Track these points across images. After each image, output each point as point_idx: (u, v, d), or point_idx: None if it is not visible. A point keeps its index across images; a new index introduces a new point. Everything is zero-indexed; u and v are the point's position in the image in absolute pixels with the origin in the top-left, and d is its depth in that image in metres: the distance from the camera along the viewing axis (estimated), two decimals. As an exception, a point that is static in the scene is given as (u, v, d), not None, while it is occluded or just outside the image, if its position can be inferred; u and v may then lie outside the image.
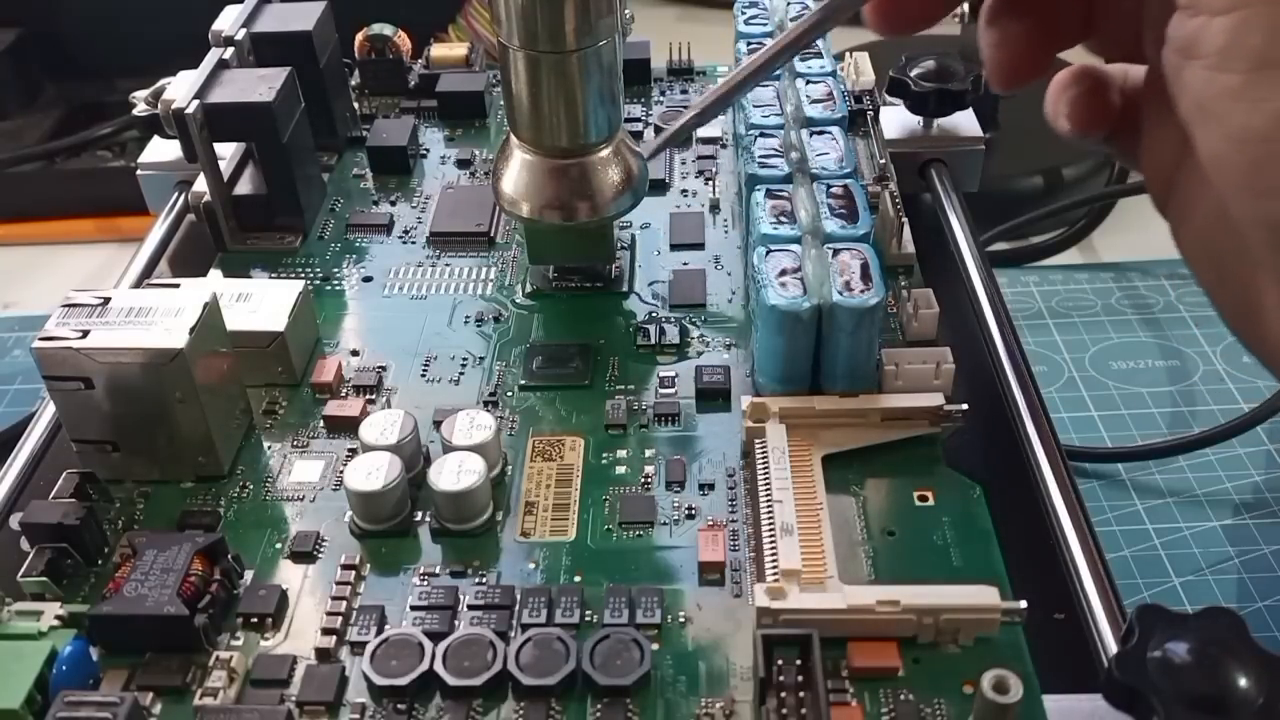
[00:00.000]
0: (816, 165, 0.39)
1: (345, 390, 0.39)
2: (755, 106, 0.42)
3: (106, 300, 0.34)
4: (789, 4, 0.49)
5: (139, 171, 0.49)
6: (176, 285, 0.36)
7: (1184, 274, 0.61)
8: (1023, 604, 0.29)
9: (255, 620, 0.31)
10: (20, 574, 0.32)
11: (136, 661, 0.30)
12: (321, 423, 0.38)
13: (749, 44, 0.47)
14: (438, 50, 0.56)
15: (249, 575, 0.33)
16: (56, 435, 0.37)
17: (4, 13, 0.75)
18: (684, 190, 0.48)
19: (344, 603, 0.31)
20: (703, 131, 0.51)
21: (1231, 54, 0.25)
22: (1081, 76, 0.33)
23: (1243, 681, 0.25)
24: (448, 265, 0.45)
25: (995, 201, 0.60)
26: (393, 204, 0.48)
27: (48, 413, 0.38)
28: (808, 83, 0.43)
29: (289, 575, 0.33)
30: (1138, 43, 0.30)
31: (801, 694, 0.27)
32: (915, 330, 0.39)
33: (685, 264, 0.44)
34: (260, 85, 0.43)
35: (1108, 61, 0.34)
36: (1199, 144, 0.27)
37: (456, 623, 0.31)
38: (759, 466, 0.33)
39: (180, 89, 0.44)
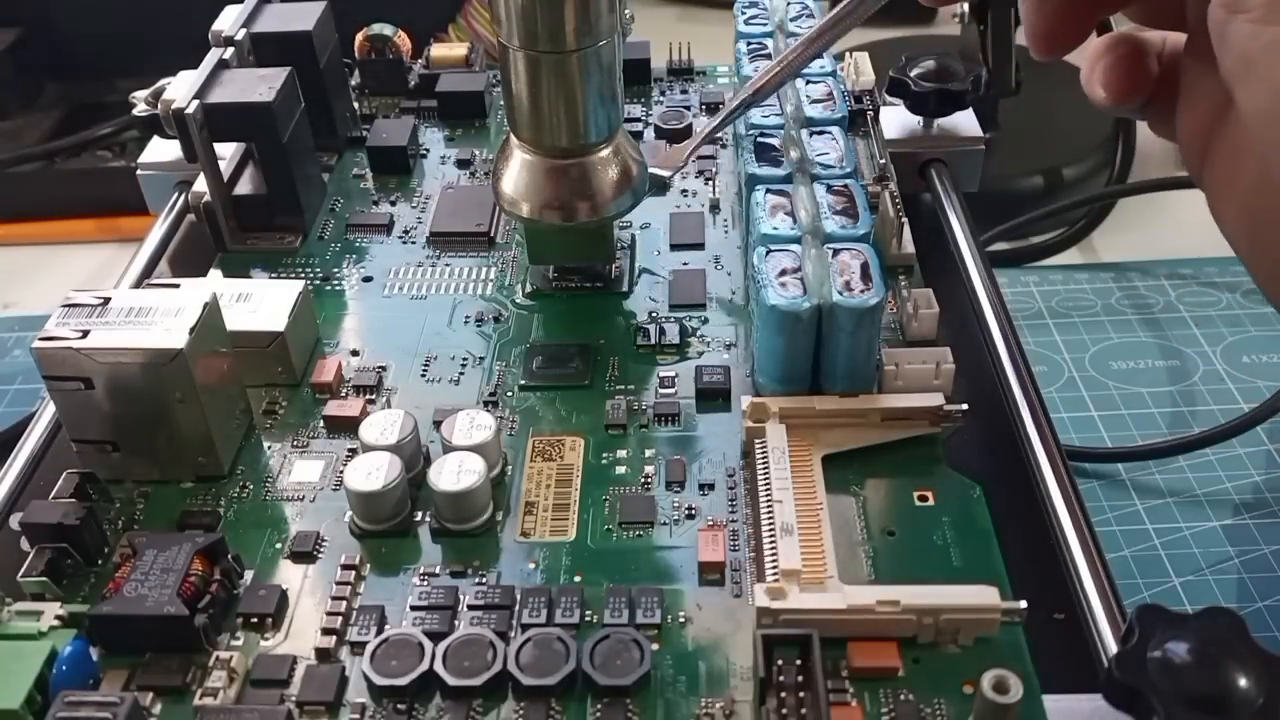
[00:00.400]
0: (816, 165, 0.39)
1: (345, 390, 0.39)
2: (755, 106, 0.42)
3: (106, 300, 0.34)
4: (789, 4, 0.49)
5: (139, 171, 0.49)
6: (176, 285, 0.36)
7: (1184, 274, 0.62)
8: (1023, 604, 0.29)
9: (255, 620, 0.31)
10: (20, 574, 0.32)
11: (136, 661, 0.30)
12: (321, 423, 0.38)
13: (749, 44, 0.47)
14: (438, 50, 0.56)
15: (249, 575, 0.33)
16: (56, 435, 0.37)
17: (4, 13, 0.75)
18: (684, 190, 0.48)
19: (344, 603, 0.31)
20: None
21: (1276, 7, 0.25)
22: (1118, 43, 0.33)
23: (1243, 681, 0.25)
24: (448, 265, 0.45)
25: (995, 201, 0.60)
26: (393, 204, 0.48)
27: (48, 413, 0.38)
28: (808, 83, 0.43)
29: (289, 575, 0.33)
30: (1178, 9, 0.30)
31: (801, 694, 0.27)
32: (915, 330, 0.39)
33: (685, 264, 0.44)
34: (260, 85, 0.43)
35: (1147, 28, 0.33)
36: (1242, 101, 0.26)
37: (456, 623, 0.31)
38: (759, 466, 0.33)
39: (180, 89, 0.44)
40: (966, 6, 0.64)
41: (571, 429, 0.37)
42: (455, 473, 0.33)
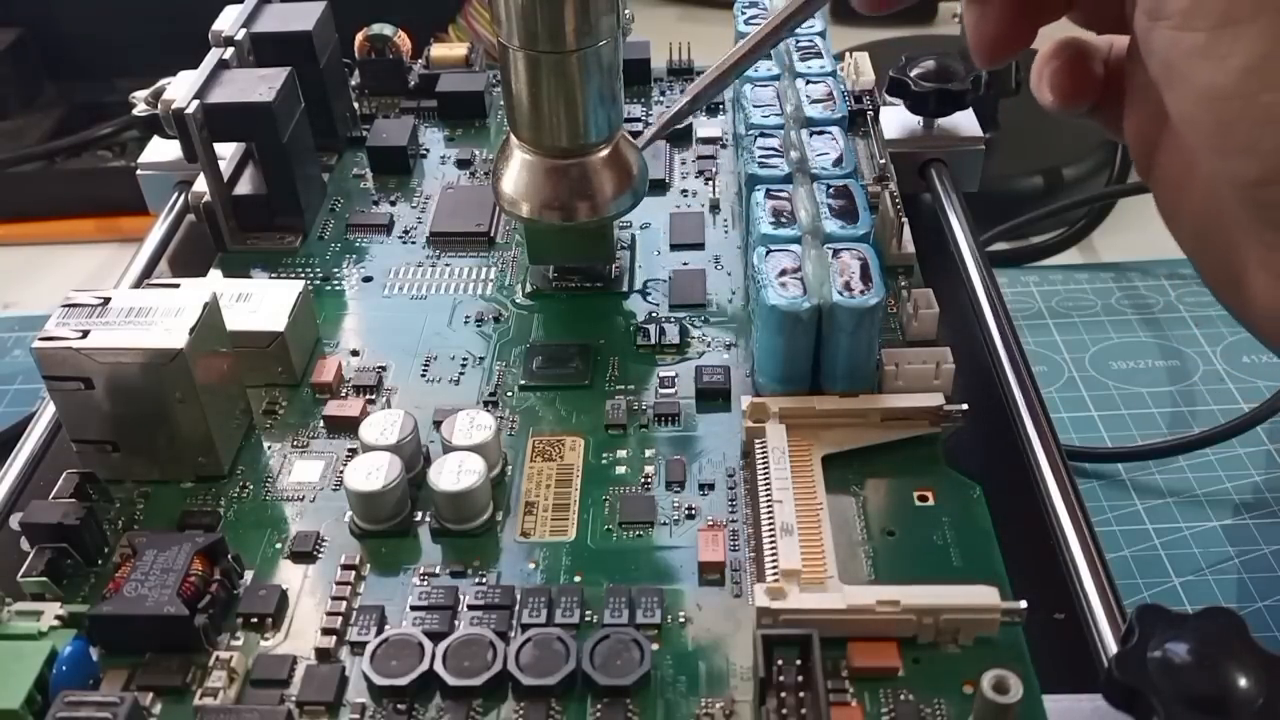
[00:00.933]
0: (816, 165, 0.39)
1: (345, 390, 0.39)
2: (755, 106, 0.42)
3: (106, 300, 0.34)
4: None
5: (139, 171, 0.49)
6: (176, 285, 0.36)
7: (1184, 274, 0.62)
8: (1023, 604, 0.29)
9: (255, 620, 0.31)
10: (20, 574, 0.32)
11: (136, 661, 0.30)
12: (321, 423, 0.38)
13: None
14: (438, 50, 0.56)
15: (249, 575, 0.33)
16: (56, 435, 0.37)
17: (4, 13, 0.75)
18: (684, 190, 0.48)
19: (344, 603, 0.31)
20: (703, 131, 0.51)
21: (1194, 13, 0.25)
22: (1064, 48, 0.33)
23: (1243, 681, 0.25)
24: (448, 265, 0.45)
25: (995, 201, 0.60)
26: (393, 204, 0.48)
27: (48, 413, 0.38)
28: (808, 83, 0.43)
29: (289, 575, 0.33)
30: (1120, 13, 0.31)
31: (801, 694, 0.27)
32: (915, 330, 0.39)
33: (685, 264, 0.44)
34: (260, 85, 0.43)
35: (1093, 33, 0.34)
36: (1170, 106, 0.27)
37: (456, 623, 0.31)
38: (759, 466, 0.33)
39: (180, 89, 0.44)
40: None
41: (571, 429, 0.37)
42: (455, 473, 0.33)
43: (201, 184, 0.45)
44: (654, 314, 0.42)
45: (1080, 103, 0.33)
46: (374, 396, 0.39)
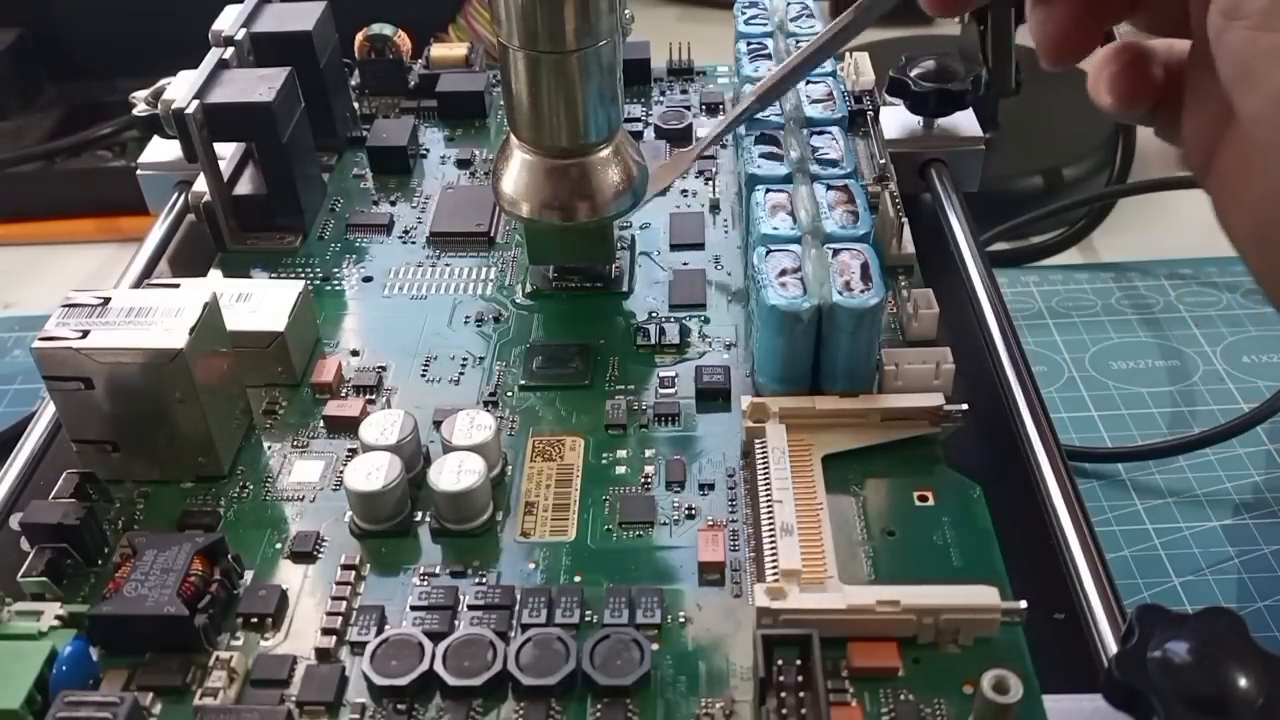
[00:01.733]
0: (816, 165, 0.39)
1: (345, 390, 0.39)
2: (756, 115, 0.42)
3: (106, 300, 0.34)
4: (789, 4, 0.49)
5: (139, 171, 0.49)
6: (176, 285, 0.36)
7: (1184, 274, 0.62)
8: (1023, 604, 0.29)
9: (255, 620, 0.31)
10: (20, 574, 0.32)
11: (136, 661, 0.30)
12: (321, 423, 0.38)
13: (749, 44, 0.47)
14: (438, 50, 0.56)
15: (249, 575, 0.33)
16: (56, 435, 0.37)
17: (4, 13, 0.75)
18: (684, 190, 0.48)
19: (344, 603, 0.31)
20: (703, 132, 0.51)
21: (1275, 13, 0.25)
22: (1123, 51, 0.33)
23: (1243, 681, 0.25)
24: (448, 265, 0.45)
25: (995, 201, 0.60)
26: (393, 204, 0.48)
27: (48, 413, 0.38)
28: (808, 83, 0.43)
29: (289, 575, 0.33)
30: (1183, 16, 0.31)
31: (801, 694, 0.27)
32: (915, 330, 0.39)
33: (685, 264, 0.44)
34: (260, 85, 0.43)
35: (1152, 36, 0.34)
36: (1240, 106, 0.27)
37: (456, 623, 0.31)
38: (759, 466, 0.33)
39: (180, 89, 0.44)
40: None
41: (571, 429, 0.37)
42: (455, 473, 0.33)
43: (201, 184, 0.45)
44: (654, 314, 0.42)
45: (1139, 106, 0.33)
46: (374, 396, 0.39)
